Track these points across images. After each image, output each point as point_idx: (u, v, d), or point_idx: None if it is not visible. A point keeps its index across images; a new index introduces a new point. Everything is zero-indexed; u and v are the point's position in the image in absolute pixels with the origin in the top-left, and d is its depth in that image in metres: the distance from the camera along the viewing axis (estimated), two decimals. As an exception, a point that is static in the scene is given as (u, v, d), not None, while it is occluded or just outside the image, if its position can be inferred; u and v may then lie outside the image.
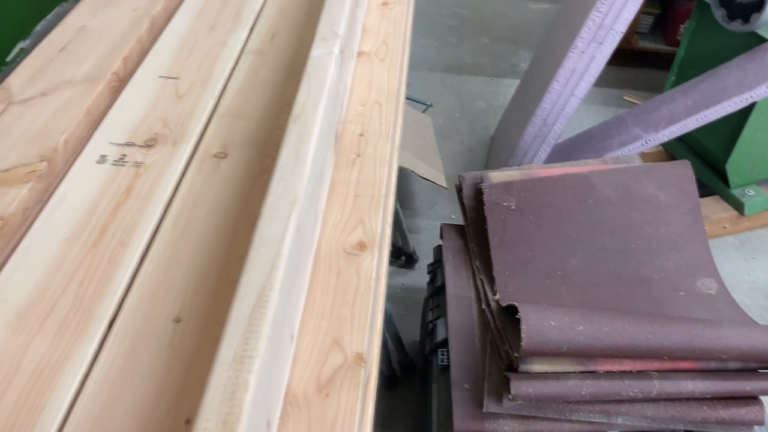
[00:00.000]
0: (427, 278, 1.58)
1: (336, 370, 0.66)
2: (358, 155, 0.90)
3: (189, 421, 0.59)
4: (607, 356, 0.95)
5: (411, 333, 1.60)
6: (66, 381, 0.61)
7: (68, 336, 0.65)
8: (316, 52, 0.88)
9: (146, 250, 0.73)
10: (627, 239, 1.19)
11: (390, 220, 0.84)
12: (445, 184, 1.60)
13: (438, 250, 1.35)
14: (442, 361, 1.13)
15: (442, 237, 1.34)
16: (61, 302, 0.68)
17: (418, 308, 1.54)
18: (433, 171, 1.57)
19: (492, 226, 1.21)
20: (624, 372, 0.96)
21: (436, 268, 1.32)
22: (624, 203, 1.21)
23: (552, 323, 0.93)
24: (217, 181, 0.82)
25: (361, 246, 0.78)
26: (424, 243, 1.78)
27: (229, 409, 0.48)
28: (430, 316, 1.26)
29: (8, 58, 1.11)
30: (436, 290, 1.28)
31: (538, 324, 0.93)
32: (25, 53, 1.06)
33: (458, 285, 1.21)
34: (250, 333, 0.53)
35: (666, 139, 1.54)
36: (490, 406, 1.00)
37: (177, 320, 0.67)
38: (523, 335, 0.92)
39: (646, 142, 1.54)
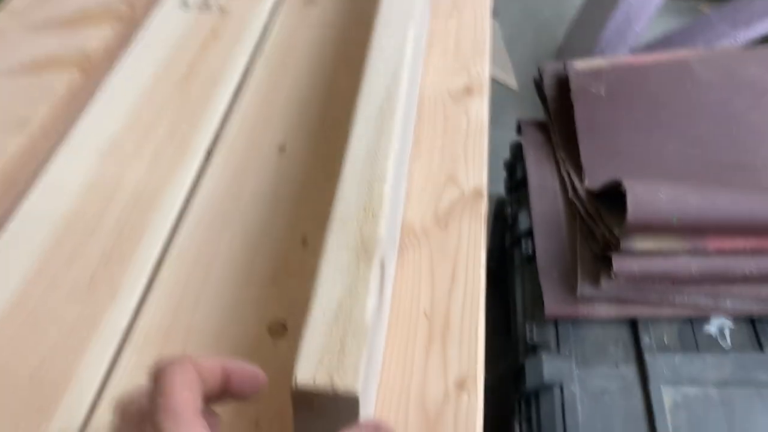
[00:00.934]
0: (496, 188, 1.51)
1: (454, 203, 0.60)
2: (455, 7, 0.83)
3: (306, 242, 0.54)
4: (720, 232, 0.88)
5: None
6: (167, 203, 0.57)
7: (165, 163, 0.60)
8: None
9: (239, 86, 0.68)
10: (728, 125, 1.10)
11: (489, 67, 0.77)
12: (515, 86, 1.52)
13: (516, 146, 1.28)
14: (527, 251, 1.07)
15: (519, 133, 1.27)
16: (154, 132, 0.63)
17: (489, 216, 1.48)
18: (502, 73, 1.49)
19: (579, 114, 1.14)
20: (738, 249, 0.88)
21: (514, 164, 1.25)
22: (725, 88, 1.12)
23: (661, 194, 0.86)
24: (308, 25, 0.76)
25: (468, 91, 0.71)
26: (492, 152, 1.70)
27: (368, 198, 0.43)
28: (510, 211, 1.19)
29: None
30: (516, 185, 1.21)
31: (646, 195, 0.86)
32: None
33: (541, 176, 1.15)
34: (381, 130, 0.48)
35: (758, 35, 1.43)
36: (584, 289, 0.94)
37: (282, 148, 0.62)
38: (629, 207, 0.85)
39: (735, 40, 1.44)
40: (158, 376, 0.30)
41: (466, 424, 0.45)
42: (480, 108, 0.69)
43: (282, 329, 0.48)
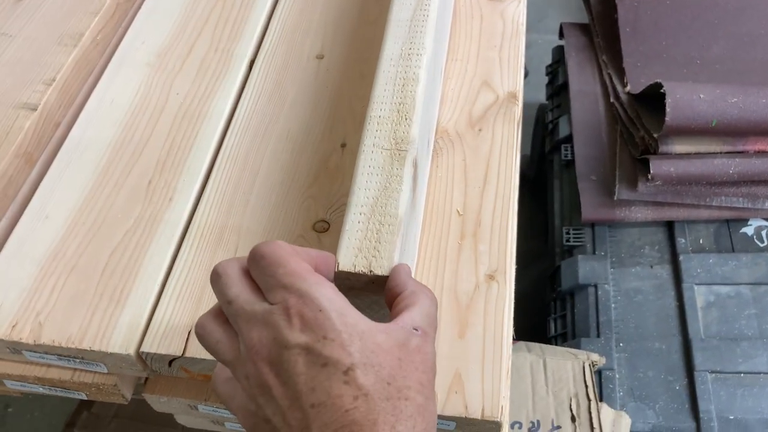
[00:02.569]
0: (538, 93, 1.50)
1: (488, 107, 0.62)
2: None
3: (344, 145, 0.57)
4: (760, 133, 0.87)
5: (521, 147, 1.54)
6: (215, 113, 0.60)
7: (210, 74, 0.63)
8: None
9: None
10: (779, 23, 1.07)
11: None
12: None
13: (558, 50, 1.26)
14: (566, 156, 1.08)
15: (562, 36, 1.25)
16: (198, 43, 0.65)
17: (529, 123, 1.48)
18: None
19: (623, 15, 1.11)
20: (778, 150, 0.88)
21: (556, 69, 1.24)
22: (777, -17, 1.08)
23: (701, 96, 0.85)
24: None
25: (505, -8, 0.71)
26: (534, 58, 1.67)
27: (401, 99, 0.45)
28: (550, 116, 1.20)
29: None
30: (557, 90, 1.21)
31: (685, 98, 0.86)
32: None
33: (582, 81, 1.14)
34: (415, 33, 0.49)
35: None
36: (622, 192, 0.95)
37: (319, 57, 0.64)
38: (668, 109, 0.85)
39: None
40: (263, 254, 0.34)
41: (495, 311, 0.49)
42: (516, 10, 0.69)
43: (325, 226, 0.52)
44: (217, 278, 0.36)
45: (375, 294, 0.39)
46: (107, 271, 0.51)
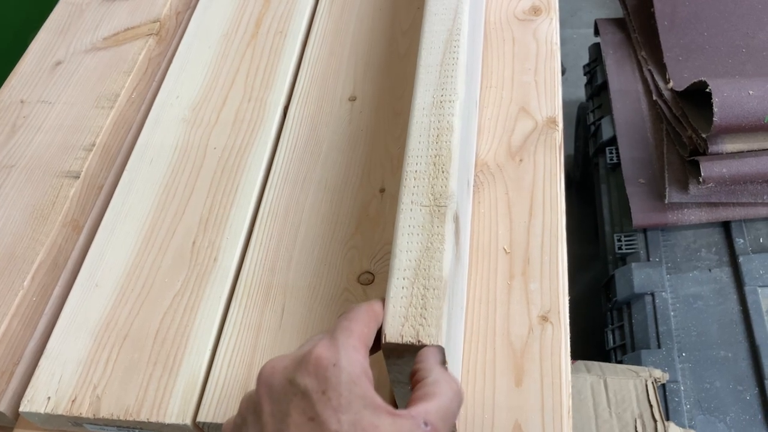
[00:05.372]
0: (577, 90, 1.47)
1: (527, 135, 0.60)
2: None
3: (383, 190, 0.57)
4: (817, 125, 0.83)
5: (564, 148, 1.51)
6: (253, 164, 0.60)
7: (245, 124, 0.63)
8: None
9: (306, 35, 0.69)
10: (828, 2, 1.02)
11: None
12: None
13: (595, 48, 1.23)
14: (611, 160, 1.05)
15: (597, 33, 1.21)
16: (231, 94, 0.66)
17: (570, 122, 1.45)
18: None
19: (660, 8, 1.08)
20: (838, 142, 0.84)
21: (594, 68, 1.21)
22: (824, -40, 1.02)
23: (750, 92, 0.82)
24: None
25: (535, 11, 0.69)
26: (570, 54, 1.64)
27: (437, 151, 0.44)
28: (592, 118, 1.16)
29: None
30: (597, 90, 1.17)
31: (733, 95, 0.82)
32: None
33: (622, 80, 1.11)
34: (446, 78, 0.48)
35: None
36: (673, 195, 0.92)
37: (352, 99, 0.63)
38: (715, 109, 0.82)
39: None
40: (354, 309, 0.37)
41: (551, 355, 0.47)
42: (549, 28, 0.68)
43: (370, 278, 0.52)
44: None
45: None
46: (159, 337, 0.51)
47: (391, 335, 0.37)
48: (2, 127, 0.64)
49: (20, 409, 0.49)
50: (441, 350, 0.37)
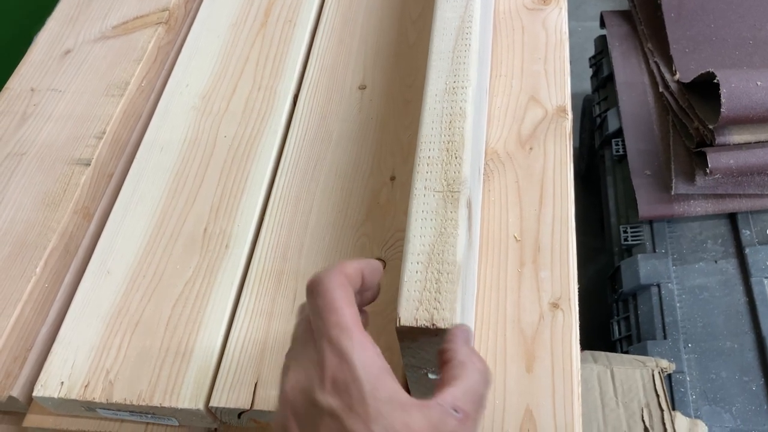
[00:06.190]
0: (583, 83, 1.46)
1: (537, 124, 0.60)
2: None
3: (394, 178, 0.57)
4: (825, 116, 0.83)
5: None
6: (264, 153, 0.60)
7: (255, 113, 0.63)
8: None
9: (315, 24, 0.69)
10: (835, -6, 1.01)
11: (570, -26, 0.74)
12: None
13: (600, 40, 1.23)
14: (617, 152, 1.05)
15: (603, 25, 1.21)
16: (241, 83, 0.66)
17: (576, 115, 1.44)
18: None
19: (667, 0, 1.07)
20: None
21: (600, 60, 1.21)
22: (831, -49, 1.02)
23: (758, 83, 0.82)
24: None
25: (544, 0, 0.69)
26: (576, 46, 1.64)
27: (450, 137, 0.45)
28: (597, 110, 1.16)
29: None
30: (603, 82, 1.17)
31: (741, 86, 0.82)
32: None
33: (628, 72, 1.10)
34: (458, 64, 0.48)
35: None
36: (679, 187, 0.92)
37: (362, 87, 0.63)
38: (723, 100, 0.82)
39: None
40: (320, 291, 0.34)
41: (562, 342, 0.48)
42: (558, 18, 0.68)
43: (382, 265, 0.52)
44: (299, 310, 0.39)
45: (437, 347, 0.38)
46: (171, 324, 0.51)
47: (406, 319, 0.37)
48: (13, 115, 0.64)
49: (34, 394, 0.49)
50: (468, 330, 0.37)
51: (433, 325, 0.37)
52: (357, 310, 0.35)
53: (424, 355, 0.40)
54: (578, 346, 0.48)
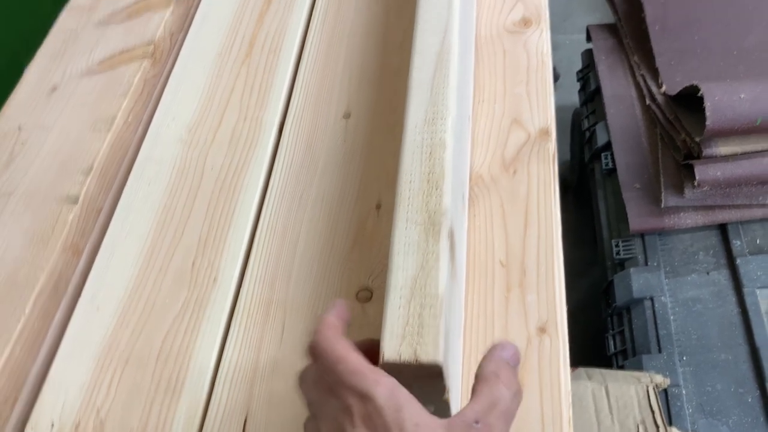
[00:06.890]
0: (572, 96, 1.47)
1: (520, 147, 0.61)
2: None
3: (379, 206, 0.57)
4: (810, 126, 0.84)
5: (560, 153, 1.52)
6: (250, 183, 0.60)
7: (242, 144, 0.64)
8: None
9: (300, 52, 0.70)
10: (817, 3, 1.02)
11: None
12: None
13: (587, 53, 1.24)
14: (607, 165, 1.06)
15: (589, 39, 1.22)
16: (227, 113, 0.66)
17: (566, 128, 1.45)
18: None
19: (650, 12, 1.08)
20: (831, 143, 0.84)
21: (587, 74, 1.22)
22: (811, -39, 1.03)
23: (742, 96, 0.82)
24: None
25: (525, 22, 0.70)
26: (563, 60, 1.65)
27: (430, 167, 0.45)
28: (586, 124, 1.17)
29: None
30: (590, 95, 1.18)
31: (725, 99, 0.83)
32: None
33: (615, 85, 1.11)
34: (437, 94, 0.49)
35: None
36: (669, 200, 0.93)
37: (346, 116, 0.64)
38: (707, 113, 0.82)
39: None
40: (320, 352, 0.37)
41: (550, 366, 0.48)
42: (539, 40, 0.68)
43: (368, 295, 0.52)
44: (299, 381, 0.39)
45: (425, 384, 0.38)
46: (161, 359, 0.51)
47: (389, 355, 0.38)
48: (0, 154, 0.65)
49: (25, 435, 0.49)
50: (507, 347, 0.38)
51: (417, 360, 0.37)
52: (359, 351, 0.37)
53: (416, 391, 0.41)
54: (567, 370, 0.48)
